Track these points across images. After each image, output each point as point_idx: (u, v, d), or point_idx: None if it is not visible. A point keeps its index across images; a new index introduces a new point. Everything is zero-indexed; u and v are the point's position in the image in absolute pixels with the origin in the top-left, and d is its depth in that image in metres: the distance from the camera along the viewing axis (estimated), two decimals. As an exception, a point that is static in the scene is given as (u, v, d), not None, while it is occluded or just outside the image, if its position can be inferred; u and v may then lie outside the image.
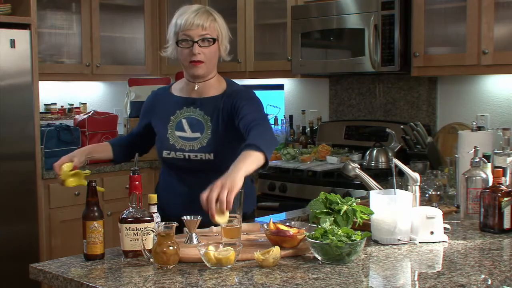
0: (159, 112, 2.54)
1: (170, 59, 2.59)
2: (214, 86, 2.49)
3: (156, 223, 1.99)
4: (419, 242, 2.10)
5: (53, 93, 4.77)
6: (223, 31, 2.45)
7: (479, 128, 2.79)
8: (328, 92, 4.55)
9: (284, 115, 4.76)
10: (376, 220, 2.11)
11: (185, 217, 2.08)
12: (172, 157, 2.46)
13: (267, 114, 2.67)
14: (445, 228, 2.19)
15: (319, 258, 1.89)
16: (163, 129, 2.50)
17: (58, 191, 4.03)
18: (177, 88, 2.56)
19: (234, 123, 2.38)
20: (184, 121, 2.47)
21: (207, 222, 2.04)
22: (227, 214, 1.96)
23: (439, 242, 2.13)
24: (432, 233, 2.12)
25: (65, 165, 2.32)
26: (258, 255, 1.85)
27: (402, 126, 3.66)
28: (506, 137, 2.78)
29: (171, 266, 1.85)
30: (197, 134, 2.44)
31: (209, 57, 2.41)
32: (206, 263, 1.84)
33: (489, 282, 1.73)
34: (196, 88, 2.46)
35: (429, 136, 3.59)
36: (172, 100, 2.53)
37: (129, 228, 1.95)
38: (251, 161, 2.09)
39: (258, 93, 2.83)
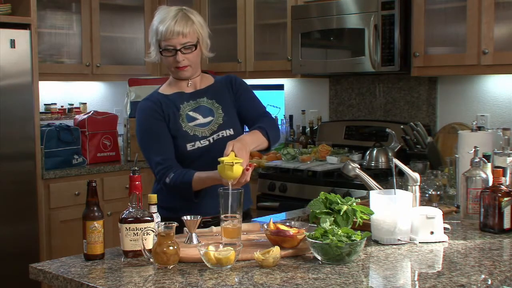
0: (166, 113, 2.51)
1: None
2: (203, 80, 2.62)
3: (156, 223, 1.99)
4: (419, 242, 2.10)
5: (53, 93, 4.77)
6: (202, 32, 2.52)
7: (479, 128, 2.79)
8: (328, 92, 4.55)
9: (284, 115, 4.76)
10: (376, 220, 2.11)
11: (185, 217, 2.08)
12: (198, 147, 2.47)
13: None
14: (445, 228, 2.19)
15: (319, 258, 1.89)
16: (178, 125, 2.50)
17: (58, 191, 4.03)
18: (167, 89, 2.59)
19: (237, 101, 2.59)
20: (191, 112, 2.53)
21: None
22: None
23: (439, 242, 2.12)
24: (432, 233, 2.12)
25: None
26: (258, 255, 1.85)
27: (402, 126, 3.66)
28: (506, 137, 2.78)
29: (171, 266, 1.85)
30: (209, 118, 2.53)
31: (193, 60, 2.51)
32: (206, 263, 1.84)
33: (489, 282, 1.73)
34: (189, 84, 2.57)
35: (429, 136, 3.59)
36: (170, 99, 2.54)
37: (129, 228, 1.95)
38: (256, 139, 2.41)
39: (258, 93, 2.84)
